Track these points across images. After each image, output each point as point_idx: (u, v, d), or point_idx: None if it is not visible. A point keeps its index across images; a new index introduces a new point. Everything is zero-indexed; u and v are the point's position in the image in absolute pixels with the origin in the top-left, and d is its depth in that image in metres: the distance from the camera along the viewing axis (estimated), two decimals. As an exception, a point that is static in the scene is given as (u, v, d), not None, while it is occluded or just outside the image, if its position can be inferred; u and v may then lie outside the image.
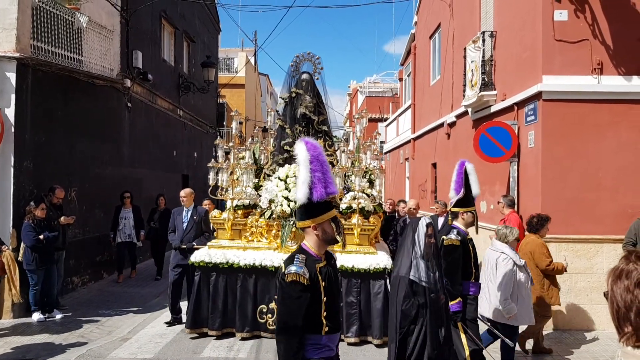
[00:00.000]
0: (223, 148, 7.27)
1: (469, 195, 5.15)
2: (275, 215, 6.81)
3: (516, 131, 7.94)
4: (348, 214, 6.92)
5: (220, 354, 6.12)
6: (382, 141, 20.82)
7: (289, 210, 6.62)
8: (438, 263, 3.98)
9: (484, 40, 9.03)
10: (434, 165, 13.13)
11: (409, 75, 17.31)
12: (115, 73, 10.76)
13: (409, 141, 16.02)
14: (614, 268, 1.77)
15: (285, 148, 7.57)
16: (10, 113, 7.41)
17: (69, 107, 8.97)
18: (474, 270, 5.11)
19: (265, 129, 9.71)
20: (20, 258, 7.19)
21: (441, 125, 12.14)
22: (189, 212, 7.50)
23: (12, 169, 7.40)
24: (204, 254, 6.71)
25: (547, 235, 7.07)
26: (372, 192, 7.31)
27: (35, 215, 7.20)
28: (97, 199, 9.98)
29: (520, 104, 7.91)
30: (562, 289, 6.35)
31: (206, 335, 6.63)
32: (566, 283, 6.96)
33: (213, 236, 7.47)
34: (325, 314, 2.91)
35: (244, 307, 6.57)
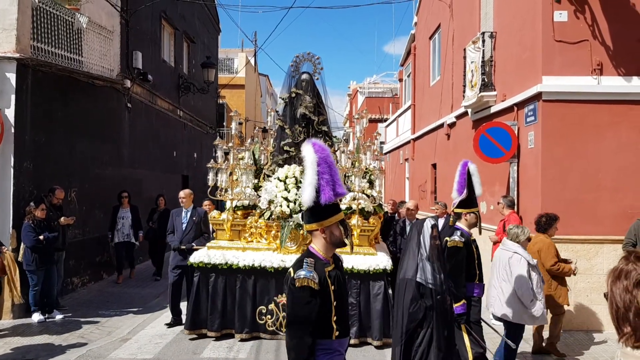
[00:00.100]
0: (222, 148, 7.26)
1: (472, 196, 5.10)
2: (275, 216, 6.81)
3: (516, 132, 7.94)
4: (348, 214, 6.90)
5: (220, 354, 6.12)
6: (382, 142, 20.79)
7: (288, 211, 6.63)
8: (442, 265, 3.95)
9: (483, 40, 9.03)
10: (434, 165, 13.12)
11: (408, 75, 17.30)
12: (115, 74, 10.77)
13: (408, 142, 16.02)
14: (614, 268, 1.77)
15: (285, 148, 7.56)
16: (10, 113, 7.42)
17: (69, 108, 8.98)
18: (477, 272, 5.07)
19: (265, 130, 9.71)
20: (20, 258, 7.19)
21: (441, 125, 12.13)
22: (188, 213, 7.49)
23: (12, 170, 7.41)
24: (203, 254, 6.70)
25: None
26: (372, 193, 7.31)
27: (35, 215, 7.21)
28: (97, 200, 9.98)
29: (520, 105, 7.92)
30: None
31: (205, 336, 6.63)
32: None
33: (212, 237, 7.46)
34: (335, 318, 2.84)
35: (243, 308, 6.56)
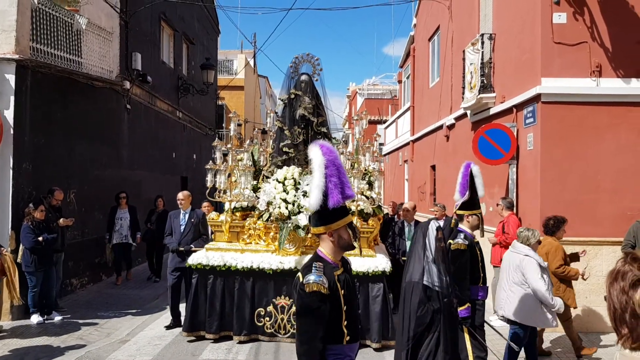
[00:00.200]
0: (221, 150, 7.25)
1: (474, 198, 5.07)
2: (273, 218, 6.80)
3: (515, 133, 7.94)
4: (347, 216, 6.87)
5: (219, 356, 6.11)
6: (381, 143, 20.80)
7: (286, 212, 6.61)
8: (447, 267, 3.91)
9: (483, 42, 9.04)
10: (433, 167, 13.12)
11: (408, 77, 17.31)
12: (114, 75, 10.77)
13: (408, 143, 16.02)
14: (611, 270, 1.77)
15: (284, 150, 7.55)
16: (9, 115, 7.41)
17: (68, 109, 8.97)
18: (481, 274, 5.02)
19: (264, 131, 9.69)
20: (19, 260, 7.18)
21: (440, 127, 12.14)
22: (186, 215, 7.47)
23: (11, 171, 7.40)
24: (201, 256, 6.68)
25: (540, 238, 7.06)
26: (371, 194, 7.29)
27: (34, 217, 7.20)
28: (96, 201, 9.96)
29: (519, 107, 7.92)
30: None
31: (203, 338, 6.61)
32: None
33: (210, 238, 7.45)
34: (345, 322, 2.80)
35: (241, 310, 6.54)
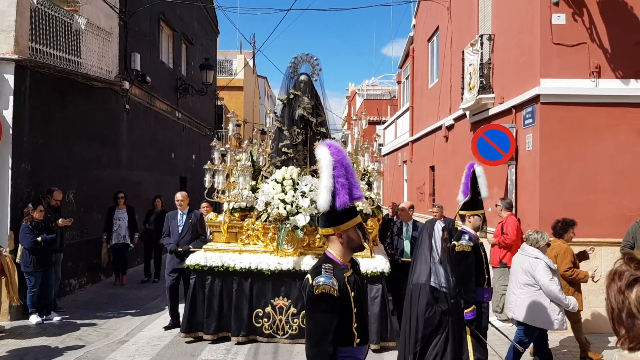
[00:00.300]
0: (220, 150, 7.23)
1: (476, 199, 5.04)
2: (272, 218, 6.77)
3: (514, 134, 7.95)
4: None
5: (218, 356, 6.10)
6: (380, 144, 20.80)
7: (284, 213, 6.58)
8: (453, 268, 3.88)
9: (482, 43, 9.05)
10: (432, 168, 13.12)
11: (407, 78, 17.32)
12: (113, 75, 10.76)
13: (407, 144, 16.02)
14: (610, 271, 1.77)
15: (283, 150, 7.54)
16: (8, 115, 7.40)
17: (67, 109, 8.96)
18: (486, 276, 4.99)
19: (263, 132, 9.68)
20: (17, 260, 7.17)
21: (439, 128, 12.14)
22: (184, 216, 7.47)
23: (10, 171, 7.39)
24: (199, 257, 6.66)
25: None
26: (371, 195, 7.29)
27: (33, 217, 7.19)
28: (95, 201, 9.95)
29: (518, 107, 7.93)
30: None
31: (201, 339, 6.59)
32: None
33: (208, 239, 7.44)
34: (355, 325, 2.76)
35: (239, 311, 6.52)
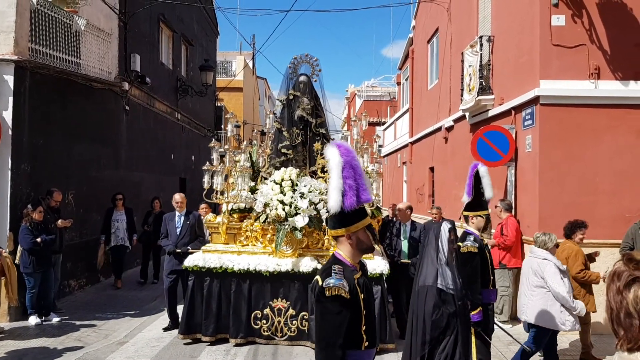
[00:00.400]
0: (218, 151, 7.21)
1: (479, 199, 5.03)
2: (270, 219, 6.73)
3: (514, 135, 7.95)
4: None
5: (217, 358, 6.10)
6: (380, 145, 20.80)
7: (283, 214, 6.55)
8: (459, 270, 3.84)
9: (481, 44, 9.05)
10: (432, 169, 13.12)
11: (406, 79, 17.33)
12: (113, 76, 10.76)
13: (406, 145, 16.03)
14: (610, 272, 1.77)
15: (283, 151, 7.53)
16: (7, 116, 7.40)
17: (66, 110, 8.96)
18: (491, 277, 4.97)
19: (263, 132, 9.67)
20: (17, 261, 7.17)
21: (439, 129, 12.15)
22: (182, 217, 7.46)
23: (10, 172, 7.39)
24: (198, 258, 6.64)
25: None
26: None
27: (33, 218, 7.19)
28: (95, 202, 9.94)
29: (518, 109, 7.93)
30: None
31: (199, 341, 6.57)
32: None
33: (207, 240, 7.42)
34: (364, 327, 2.72)
35: (238, 313, 6.49)
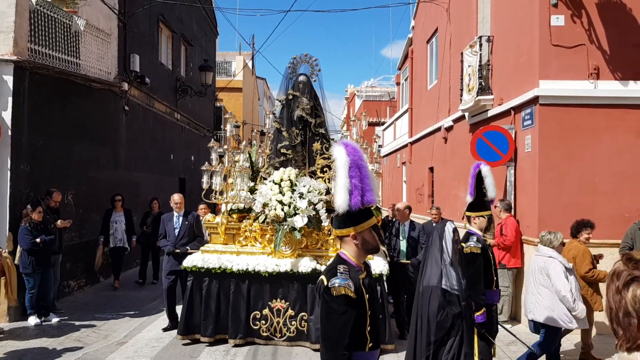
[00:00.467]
0: (217, 151, 7.20)
1: (481, 200, 5.00)
2: (269, 220, 6.70)
3: (513, 135, 7.96)
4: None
5: (217, 358, 6.10)
6: (380, 145, 20.80)
7: (282, 214, 6.53)
8: (463, 270, 3.82)
9: (481, 44, 9.05)
10: (431, 169, 13.13)
11: (406, 79, 17.33)
12: (112, 76, 10.76)
13: (406, 145, 16.03)
14: (609, 271, 1.77)
15: (282, 151, 7.53)
16: (7, 116, 7.40)
17: (66, 111, 8.96)
18: (495, 278, 4.95)
19: (263, 133, 9.67)
20: (16, 261, 7.16)
21: (438, 129, 12.15)
22: (180, 218, 7.46)
23: (9, 172, 7.38)
24: (197, 258, 6.63)
25: (538, 240, 7.03)
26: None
27: (32, 218, 7.18)
28: (94, 203, 9.94)
29: (517, 109, 7.93)
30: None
31: (198, 341, 6.56)
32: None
33: (206, 240, 7.41)
34: (369, 328, 2.70)
35: (237, 314, 6.48)
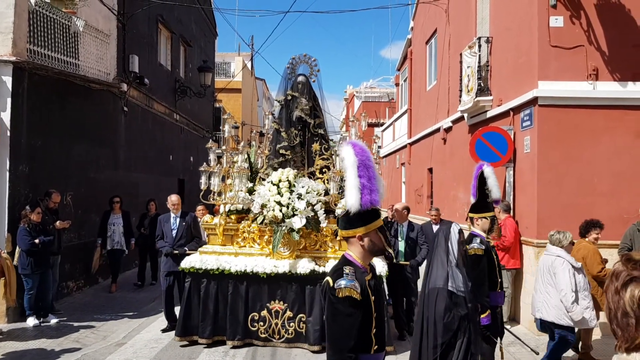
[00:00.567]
0: (215, 152, 7.19)
1: (484, 201, 4.99)
2: (267, 221, 6.66)
3: (512, 136, 7.96)
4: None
5: (216, 359, 6.09)
6: (379, 146, 20.80)
7: (280, 215, 6.51)
8: (468, 272, 3.78)
9: (480, 45, 9.06)
10: (430, 170, 13.13)
11: (405, 80, 17.35)
12: (111, 77, 10.75)
13: (405, 146, 16.04)
14: (609, 272, 1.77)
15: (281, 152, 7.52)
16: (6, 117, 7.39)
17: (65, 111, 8.95)
18: (499, 279, 4.93)
19: (262, 133, 9.66)
20: (15, 262, 7.15)
21: (437, 130, 12.15)
22: (178, 219, 7.45)
23: (8, 173, 7.38)
24: (195, 259, 6.61)
25: (537, 241, 7.06)
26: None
27: (31, 219, 7.17)
28: (93, 204, 9.93)
29: (516, 110, 7.94)
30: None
31: (196, 343, 6.54)
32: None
33: (204, 241, 7.40)
34: (374, 330, 2.67)
35: (235, 315, 6.46)
